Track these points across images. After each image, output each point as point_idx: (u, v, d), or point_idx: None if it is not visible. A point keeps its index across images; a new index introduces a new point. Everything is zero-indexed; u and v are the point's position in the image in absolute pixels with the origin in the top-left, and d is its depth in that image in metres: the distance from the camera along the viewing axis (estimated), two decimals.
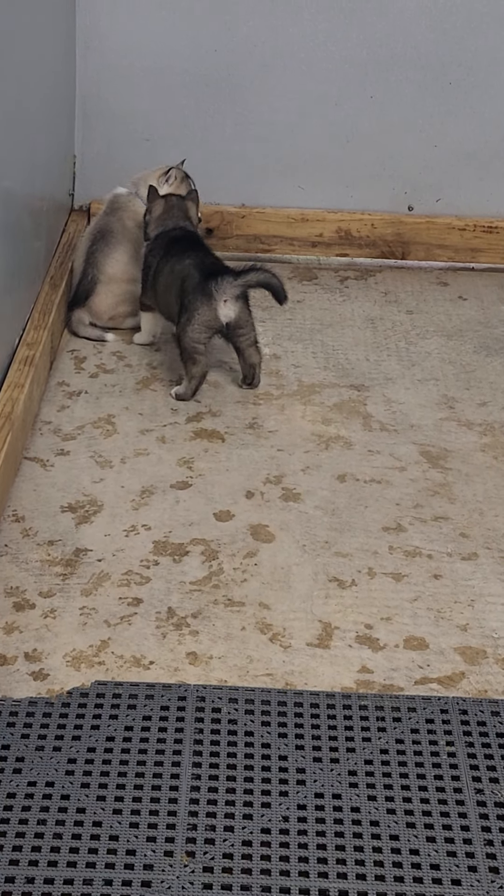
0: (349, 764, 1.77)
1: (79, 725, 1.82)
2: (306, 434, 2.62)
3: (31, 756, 1.76)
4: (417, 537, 2.30)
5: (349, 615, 2.08)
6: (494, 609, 2.12)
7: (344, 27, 3.22)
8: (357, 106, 3.32)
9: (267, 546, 2.25)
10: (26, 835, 1.64)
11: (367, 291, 3.32)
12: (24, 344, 2.63)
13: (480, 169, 3.39)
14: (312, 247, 3.46)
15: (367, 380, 2.86)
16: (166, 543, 2.25)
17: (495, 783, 1.76)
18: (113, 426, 2.62)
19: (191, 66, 3.27)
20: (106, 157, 3.35)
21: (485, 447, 2.60)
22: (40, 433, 2.58)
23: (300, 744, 1.81)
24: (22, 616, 2.04)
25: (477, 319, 3.18)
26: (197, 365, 2.70)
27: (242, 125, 3.33)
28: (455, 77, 3.29)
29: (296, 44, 3.25)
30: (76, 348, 2.93)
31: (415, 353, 2.99)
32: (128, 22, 3.22)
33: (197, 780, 1.73)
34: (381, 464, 2.53)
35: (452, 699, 1.90)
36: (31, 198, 2.80)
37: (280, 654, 1.99)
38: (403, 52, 3.26)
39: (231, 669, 1.95)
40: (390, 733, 1.83)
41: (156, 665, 1.95)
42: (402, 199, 3.43)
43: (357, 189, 3.42)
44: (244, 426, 2.64)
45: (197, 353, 2.69)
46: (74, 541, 2.24)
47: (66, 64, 3.18)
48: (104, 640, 2.00)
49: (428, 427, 2.67)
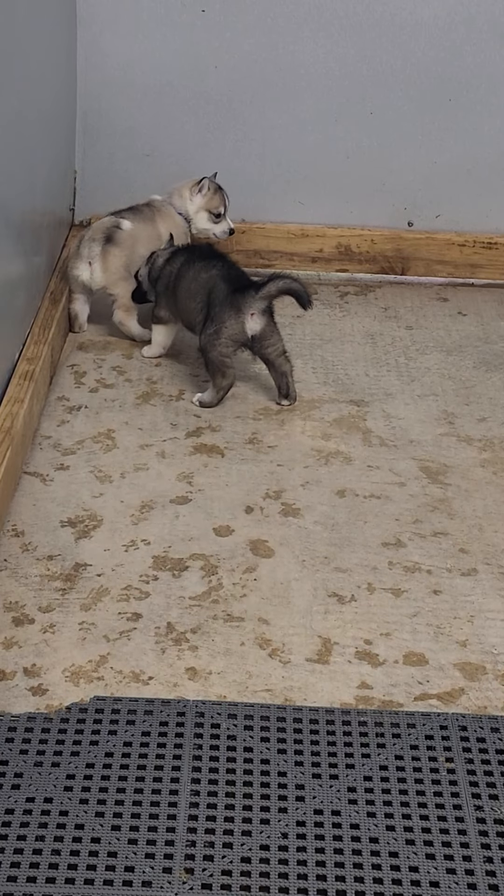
0: (348, 780, 1.77)
1: (77, 741, 1.81)
2: (306, 449, 2.62)
3: (30, 772, 1.76)
4: (417, 553, 2.30)
5: (348, 630, 2.08)
6: (494, 625, 2.11)
7: (344, 44, 3.24)
8: (357, 122, 3.33)
9: (266, 561, 2.25)
10: (24, 851, 1.63)
11: (367, 307, 3.32)
12: (25, 359, 2.64)
13: (480, 185, 3.40)
14: (312, 262, 3.47)
15: (366, 395, 2.86)
16: (166, 558, 2.25)
17: (495, 800, 1.75)
18: (113, 441, 2.62)
19: (191, 83, 3.28)
20: (107, 173, 3.36)
21: (484, 462, 2.60)
22: (40, 448, 2.58)
23: (299, 760, 1.80)
24: (21, 631, 2.04)
25: (476, 335, 3.19)
26: (226, 378, 2.73)
27: (243, 141, 3.34)
28: (454, 94, 3.30)
29: (296, 60, 3.26)
30: (76, 363, 2.93)
31: (414, 368, 3.00)
32: (129, 38, 3.23)
33: (196, 796, 1.73)
34: (380, 479, 2.53)
35: (452, 715, 1.90)
36: (32, 213, 2.80)
37: (279, 669, 1.99)
38: (403, 69, 3.27)
39: (230, 685, 1.94)
40: (390, 749, 1.83)
41: (155, 680, 1.95)
42: (401, 214, 3.44)
43: (357, 205, 3.43)
44: (244, 441, 2.64)
45: (225, 367, 2.72)
46: (74, 555, 2.24)
47: (67, 80, 3.19)
48: (103, 656, 1.99)
49: (427, 442, 2.67)
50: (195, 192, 3.06)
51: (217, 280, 2.74)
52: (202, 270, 2.78)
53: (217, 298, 2.71)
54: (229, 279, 2.74)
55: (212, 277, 2.75)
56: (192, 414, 2.74)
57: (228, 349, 2.71)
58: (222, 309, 2.70)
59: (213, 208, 3.08)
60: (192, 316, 2.78)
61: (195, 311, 2.77)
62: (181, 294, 2.81)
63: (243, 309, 2.68)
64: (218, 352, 2.70)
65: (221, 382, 2.73)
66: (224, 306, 2.69)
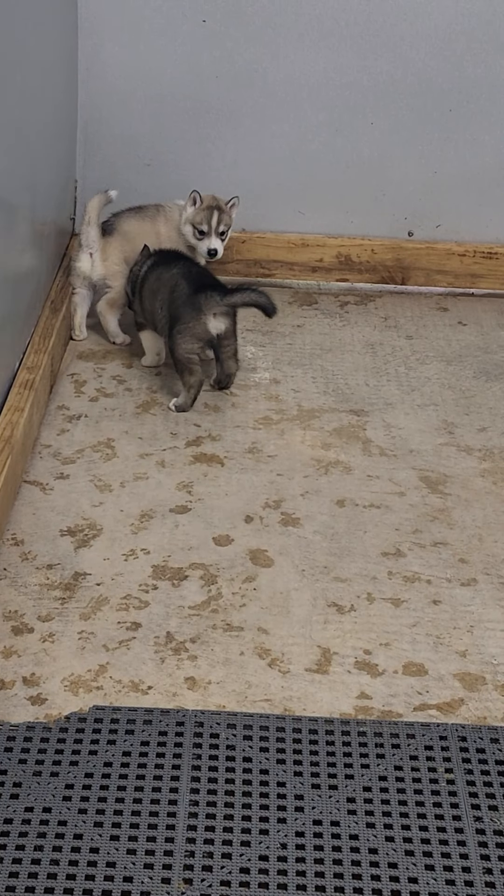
0: (348, 791, 1.77)
1: (76, 751, 1.81)
2: (306, 459, 2.62)
3: (29, 781, 1.75)
4: (416, 563, 2.29)
5: (348, 640, 2.08)
6: (493, 635, 2.11)
7: (344, 54, 3.24)
8: (357, 132, 3.33)
9: (266, 571, 2.25)
10: (23, 861, 1.63)
11: (367, 316, 3.32)
12: (25, 368, 2.64)
13: (480, 195, 3.40)
14: (313, 272, 3.47)
15: (366, 405, 2.86)
16: (165, 568, 2.25)
17: (494, 811, 1.75)
18: (112, 450, 2.62)
19: (192, 92, 3.29)
20: (107, 182, 3.35)
21: (484, 472, 2.60)
22: (40, 457, 2.58)
23: (298, 770, 1.80)
24: (20, 640, 2.04)
25: (476, 345, 3.19)
26: (193, 375, 2.76)
27: (243, 151, 3.35)
28: (455, 104, 3.30)
29: (296, 70, 3.26)
30: (76, 372, 2.94)
31: (414, 378, 3.00)
32: (130, 48, 3.24)
33: (195, 807, 1.72)
34: (380, 489, 2.53)
35: (451, 726, 1.89)
36: (33, 222, 2.80)
37: (279, 679, 1.98)
38: (403, 79, 3.28)
39: (229, 695, 1.94)
40: (389, 760, 1.83)
41: (154, 690, 1.94)
42: (402, 224, 3.45)
43: (357, 214, 3.43)
44: (244, 450, 2.64)
45: (192, 364, 2.75)
46: (73, 564, 2.24)
47: (68, 90, 3.20)
48: (102, 665, 1.99)
49: (427, 452, 2.67)
50: (189, 202, 3.06)
51: (178, 279, 2.79)
52: (164, 271, 2.83)
53: (180, 298, 2.76)
54: (190, 277, 2.78)
55: (173, 276, 2.80)
56: (192, 423, 2.74)
57: (194, 346, 2.74)
58: (185, 309, 2.74)
59: (196, 223, 3.05)
60: (156, 316, 2.83)
61: (158, 310, 2.82)
62: (146, 296, 2.87)
63: (205, 309, 2.73)
64: (183, 349, 2.74)
65: (190, 380, 2.76)
66: (187, 306, 2.74)
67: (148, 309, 2.87)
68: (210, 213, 3.04)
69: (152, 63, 3.25)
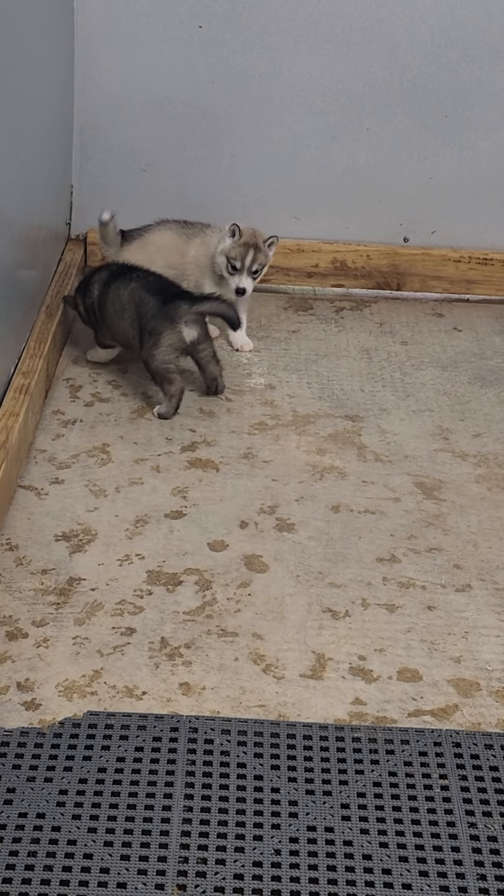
0: (342, 797, 1.77)
1: (70, 756, 1.81)
2: (301, 464, 2.63)
3: (22, 787, 1.75)
4: (411, 568, 2.30)
5: (343, 646, 2.08)
6: (488, 641, 2.11)
7: (341, 61, 3.25)
8: (353, 138, 3.34)
9: (261, 576, 2.25)
10: (16, 866, 1.63)
11: (363, 322, 3.33)
12: (20, 372, 2.64)
13: (475, 201, 3.41)
14: (308, 277, 3.47)
15: (361, 410, 2.86)
16: (160, 573, 2.25)
17: (488, 817, 1.75)
18: (107, 455, 2.62)
19: (188, 98, 3.29)
20: (103, 188, 3.36)
21: (479, 478, 2.60)
22: (35, 461, 2.58)
23: (293, 776, 1.80)
24: (15, 645, 2.04)
25: (471, 351, 3.19)
26: (173, 384, 2.76)
27: (239, 156, 3.35)
28: (450, 110, 3.31)
29: (292, 76, 3.27)
30: (71, 377, 2.94)
31: (409, 383, 3.00)
32: (126, 54, 3.24)
33: (189, 813, 1.72)
34: (375, 494, 2.53)
35: (446, 732, 1.89)
36: (28, 227, 2.81)
37: (273, 685, 1.98)
38: (399, 86, 3.29)
39: (224, 700, 1.94)
40: (383, 766, 1.83)
41: (148, 695, 1.94)
42: (397, 230, 3.45)
43: (353, 220, 3.43)
44: (239, 456, 2.65)
45: (170, 373, 2.75)
46: (68, 570, 2.24)
47: (64, 95, 3.20)
48: (97, 670, 1.99)
49: (422, 458, 2.67)
50: (227, 233, 2.97)
51: (140, 293, 2.77)
52: (121, 287, 2.81)
53: (149, 312, 2.74)
54: (152, 289, 2.77)
55: (134, 292, 2.78)
56: (187, 428, 2.74)
57: (170, 356, 2.74)
58: (157, 322, 2.73)
59: (231, 258, 2.95)
60: (128, 334, 2.80)
61: (128, 329, 2.79)
62: (111, 318, 2.84)
63: (176, 318, 2.72)
64: (160, 360, 2.74)
65: (170, 389, 2.76)
66: (158, 318, 2.73)
67: (118, 330, 2.83)
68: (246, 251, 2.95)
69: (149, 68, 3.26)
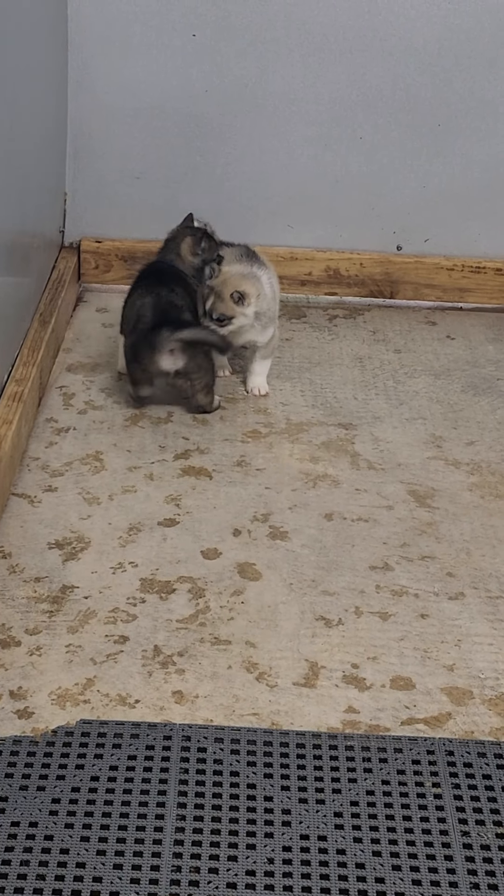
0: (335, 805, 1.76)
1: (63, 765, 1.81)
2: (294, 472, 2.63)
3: (15, 796, 1.75)
4: (404, 576, 2.30)
5: (336, 654, 2.08)
6: (481, 649, 2.11)
7: (334, 69, 3.26)
8: (346, 146, 3.35)
9: (254, 584, 2.25)
10: (9, 876, 1.62)
11: (356, 330, 3.33)
12: (13, 380, 2.64)
13: (468, 210, 3.42)
14: (301, 285, 3.48)
15: (354, 418, 2.86)
16: (153, 581, 2.24)
17: (481, 825, 1.75)
18: (101, 463, 2.62)
19: (182, 106, 3.29)
20: (97, 195, 3.37)
21: (472, 486, 2.60)
22: (28, 469, 2.57)
23: (286, 784, 1.79)
24: (7, 653, 2.03)
25: (465, 359, 3.20)
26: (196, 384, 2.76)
27: (232, 165, 3.36)
28: (443, 119, 3.32)
29: (286, 85, 3.28)
30: (65, 385, 2.93)
31: (403, 392, 3.00)
32: (120, 62, 3.25)
33: (182, 821, 1.72)
34: (368, 502, 2.53)
35: (439, 740, 1.89)
36: (22, 234, 2.81)
37: (266, 693, 1.98)
38: (392, 94, 3.29)
39: (217, 709, 1.94)
40: (376, 774, 1.83)
41: (141, 704, 1.94)
42: (390, 238, 3.46)
43: (346, 229, 3.44)
44: (232, 464, 2.64)
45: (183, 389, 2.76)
46: (61, 578, 2.23)
47: (58, 102, 3.20)
48: (90, 679, 1.99)
49: (415, 466, 2.67)
50: None
51: (148, 309, 2.70)
52: (138, 298, 2.74)
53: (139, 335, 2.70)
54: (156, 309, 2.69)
55: (144, 305, 2.72)
56: (181, 436, 2.74)
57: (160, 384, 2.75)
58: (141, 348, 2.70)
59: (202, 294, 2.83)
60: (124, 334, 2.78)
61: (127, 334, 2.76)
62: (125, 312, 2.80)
63: (157, 347, 2.68)
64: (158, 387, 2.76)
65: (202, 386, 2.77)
66: (142, 344, 2.69)
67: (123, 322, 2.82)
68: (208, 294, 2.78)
69: (142, 77, 3.26)
